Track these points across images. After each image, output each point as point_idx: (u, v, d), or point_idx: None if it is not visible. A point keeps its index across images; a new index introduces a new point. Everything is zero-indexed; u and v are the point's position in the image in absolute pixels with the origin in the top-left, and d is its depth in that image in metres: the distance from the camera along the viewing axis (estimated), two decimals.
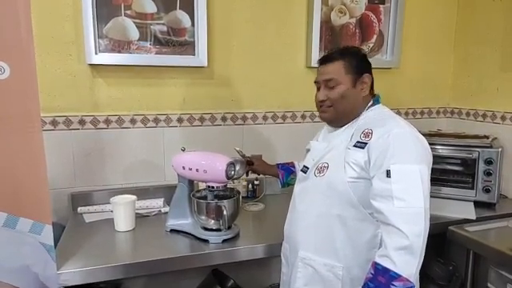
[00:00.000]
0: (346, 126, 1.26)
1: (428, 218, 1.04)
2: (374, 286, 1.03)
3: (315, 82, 1.32)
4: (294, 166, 1.69)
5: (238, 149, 1.68)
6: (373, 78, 1.29)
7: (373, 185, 1.10)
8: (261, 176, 1.82)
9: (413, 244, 1.00)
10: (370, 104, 1.26)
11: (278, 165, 1.71)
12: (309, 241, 1.24)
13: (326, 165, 1.22)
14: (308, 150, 1.41)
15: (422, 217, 1.02)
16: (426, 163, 1.10)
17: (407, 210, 1.03)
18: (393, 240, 1.02)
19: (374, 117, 1.22)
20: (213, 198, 1.50)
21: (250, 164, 1.68)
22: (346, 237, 1.17)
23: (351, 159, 1.15)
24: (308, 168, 1.30)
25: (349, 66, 1.24)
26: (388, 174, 1.06)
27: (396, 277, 1.00)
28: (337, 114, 1.27)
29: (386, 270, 1.01)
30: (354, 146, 1.17)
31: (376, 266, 1.04)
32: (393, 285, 1.00)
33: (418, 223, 1.02)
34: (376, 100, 1.28)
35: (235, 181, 1.87)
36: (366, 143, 1.14)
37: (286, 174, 1.68)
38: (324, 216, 1.20)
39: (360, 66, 1.26)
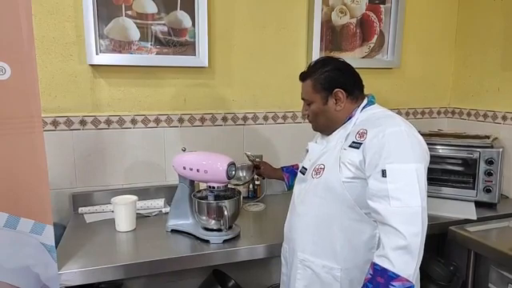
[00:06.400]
0: (340, 128, 1.25)
1: (426, 217, 1.04)
2: (372, 287, 1.03)
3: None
4: (298, 168, 1.69)
5: (248, 153, 1.70)
6: (358, 84, 1.27)
7: (369, 185, 1.09)
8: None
9: (411, 244, 0.99)
10: (364, 104, 1.25)
11: (282, 168, 1.72)
12: (307, 242, 1.24)
13: (323, 166, 1.22)
14: (307, 151, 1.41)
15: (419, 216, 1.02)
16: (422, 162, 1.09)
17: (404, 210, 1.02)
18: (390, 240, 1.02)
19: (369, 117, 1.21)
20: (213, 198, 1.50)
21: (256, 168, 1.68)
22: (343, 238, 1.17)
23: (347, 159, 1.15)
24: (306, 169, 1.31)
25: (316, 85, 1.25)
26: (383, 173, 1.05)
27: (394, 277, 1.00)
28: (319, 127, 1.33)
29: (384, 271, 1.01)
30: (350, 146, 1.17)
31: (374, 266, 1.04)
32: (391, 285, 1.00)
33: (416, 223, 1.01)
34: (370, 100, 1.27)
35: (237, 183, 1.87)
36: (361, 143, 1.13)
37: (292, 176, 1.69)
38: (322, 217, 1.20)
39: (329, 82, 1.24)
